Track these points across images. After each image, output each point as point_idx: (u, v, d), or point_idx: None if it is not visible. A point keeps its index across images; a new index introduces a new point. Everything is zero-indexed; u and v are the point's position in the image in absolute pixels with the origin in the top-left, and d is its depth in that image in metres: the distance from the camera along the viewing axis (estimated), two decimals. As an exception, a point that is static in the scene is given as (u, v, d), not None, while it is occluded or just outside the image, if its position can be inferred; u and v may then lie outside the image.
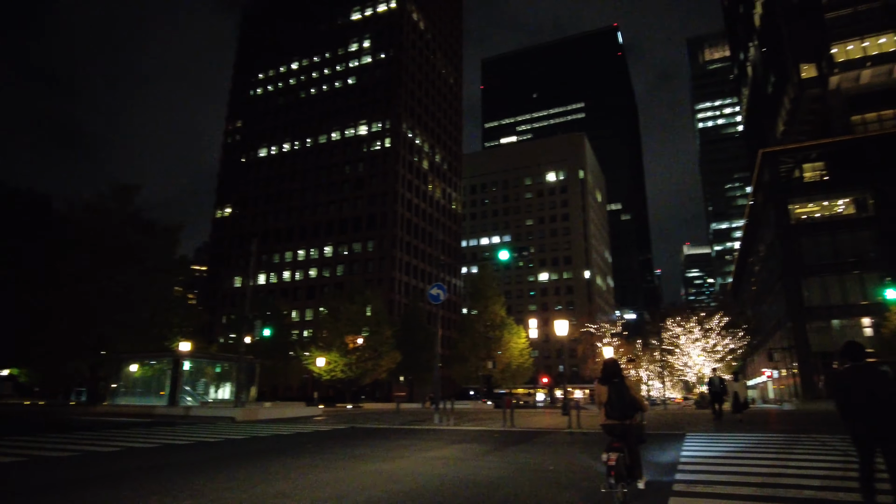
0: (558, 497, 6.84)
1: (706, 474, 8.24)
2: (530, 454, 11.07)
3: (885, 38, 52.40)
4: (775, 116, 68.22)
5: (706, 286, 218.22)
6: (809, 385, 43.64)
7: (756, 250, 65.85)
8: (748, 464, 9.34)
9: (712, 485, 7.36)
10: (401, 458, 10.54)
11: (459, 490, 7.17)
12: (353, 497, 6.73)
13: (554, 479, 8.07)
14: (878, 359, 39.14)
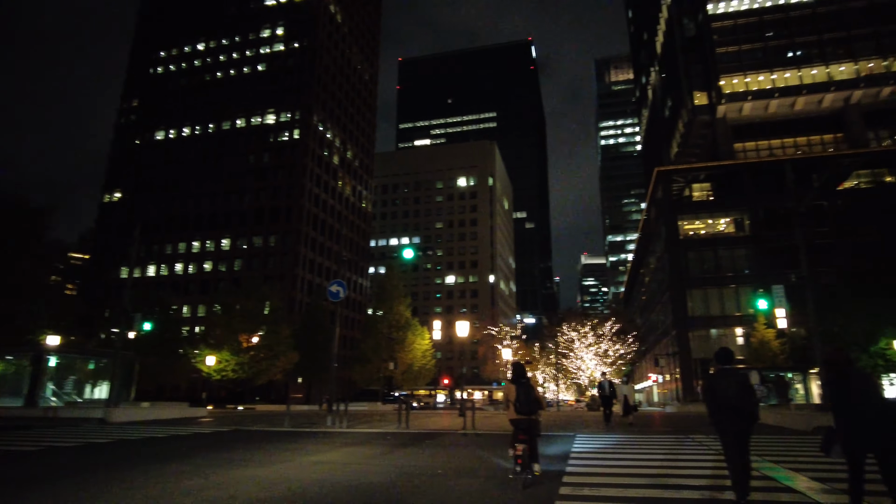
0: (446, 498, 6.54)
1: (594, 466, 9.42)
2: (419, 457, 10.71)
3: (763, 76, 57.78)
4: (670, 138, 73.25)
5: (600, 294, 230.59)
6: (689, 389, 46.99)
7: (647, 262, 70.26)
8: (631, 457, 10.56)
9: (599, 474, 8.51)
10: (282, 462, 9.85)
11: (339, 497, 6.70)
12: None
13: (441, 484, 7.76)
14: (746, 365, 42.82)
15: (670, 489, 7.22)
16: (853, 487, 5.09)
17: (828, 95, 55.98)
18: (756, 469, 8.38)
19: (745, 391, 6.15)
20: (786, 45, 58.03)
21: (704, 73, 60.67)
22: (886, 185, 50.47)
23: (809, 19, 57.97)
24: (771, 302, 17.98)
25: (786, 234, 48.76)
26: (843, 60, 56.25)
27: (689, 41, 63.32)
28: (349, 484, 7.58)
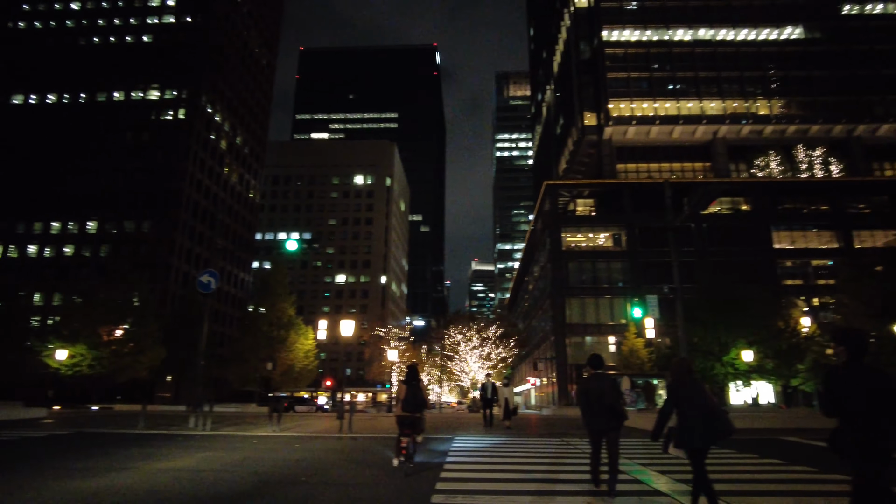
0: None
1: (471, 462, 10.11)
2: (284, 463, 9.93)
3: (647, 104, 62.38)
4: (560, 155, 76.92)
5: (488, 300, 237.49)
6: (564, 392, 49.27)
7: (532, 271, 73.10)
8: (506, 454, 11.34)
9: (476, 470, 9.25)
10: (123, 470, 8.67)
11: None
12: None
13: (303, 494, 7.15)
14: (617, 371, 45.56)
15: (540, 483, 7.93)
16: (697, 481, 5.72)
17: (700, 127, 61.56)
18: (626, 472, 8.72)
19: (613, 392, 6.91)
20: (668, 78, 63.09)
21: (596, 95, 64.37)
22: (742, 212, 56.32)
23: (688, 57, 63.51)
24: (645, 310, 19.08)
25: (658, 251, 52.85)
26: (714, 97, 62.18)
27: (584, 64, 66.91)
28: (193, 496, 6.70)
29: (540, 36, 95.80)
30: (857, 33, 63.95)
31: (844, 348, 4.38)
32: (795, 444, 13.90)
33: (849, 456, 4.16)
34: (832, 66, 62.66)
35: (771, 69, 62.89)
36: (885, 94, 61.51)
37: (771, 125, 61.32)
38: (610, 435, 6.88)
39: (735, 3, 65.06)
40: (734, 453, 11.91)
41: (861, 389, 4.11)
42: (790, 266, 55.21)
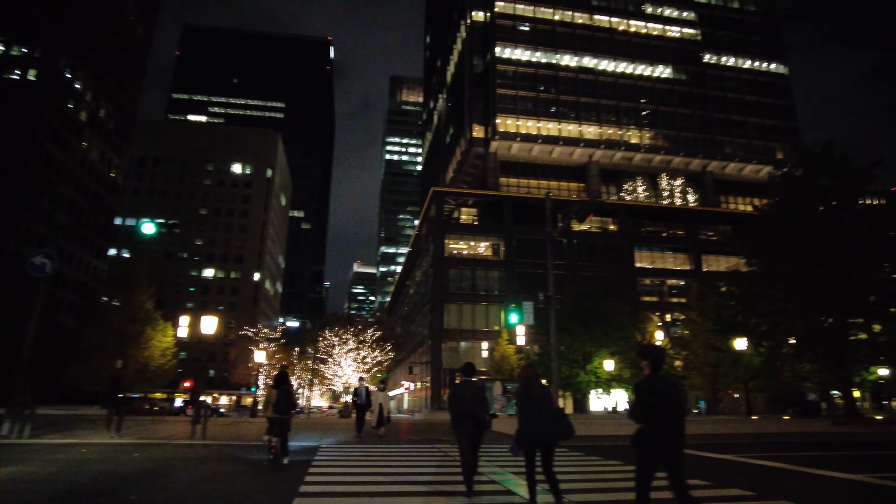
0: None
1: (336, 470, 9.71)
2: (109, 477, 8.48)
3: (531, 122, 65.11)
4: (448, 163, 78.07)
5: (368, 303, 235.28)
6: (437, 397, 49.59)
7: (414, 275, 73.28)
8: (374, 457, 11.19)
9: (341, 472, 9.34)
10: None
11: None
12: None
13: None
14: (489, 376, 46.64)
15: (402, 485, 8.15)
16: (529, 477, 6.24)
17: (577, 150, 65.40)
18: (485, 474, 8.82)
19: (479, 401, 7.24)
20: (553, 100, 66.40)
21: (485, 109, 66.16)
22: (609, 232, 60.54)
23: (572, 82, 67.33)
24: (521, 316, 19.47)
25: (532, 262, 55.14)
26: (592, 123, 66.40)
27: (477, 77, 68.54)
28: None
29: (436, 45, 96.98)
30: (714, 80, 71.72)
31: (648, 362, 5.07)
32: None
33: (650, 454, 4.84)
34: (694, 105, 69.65)
35: (643, 102, 68.53)
36: (734, 137, 69.52)
37: (640, 154, 66.71)
38: (473, 439, 7.23)
39: (617, 37, 70.20)
40: (600, 459, 12.29)
41: (658, 395, 4.87)
42: (648, 284, 60.26)
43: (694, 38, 72.90)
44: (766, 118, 71.35)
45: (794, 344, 24.83)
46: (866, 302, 23.68)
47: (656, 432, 4.80)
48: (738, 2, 76.13)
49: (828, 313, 23.16)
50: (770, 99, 72.31)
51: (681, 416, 4.88)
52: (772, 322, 24.97)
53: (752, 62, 73.59)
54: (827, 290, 22.48)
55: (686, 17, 73.43)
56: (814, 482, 8.70)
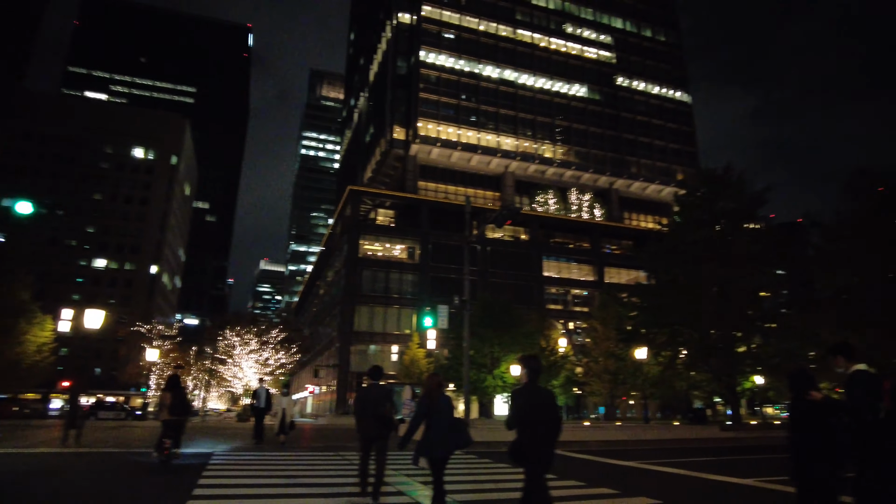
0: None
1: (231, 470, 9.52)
2: None
3: (452, 129, 65.58)
4: (366, 163, 76.95)
5: (274, 302, 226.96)
6: (343, 401, 48.39)
7: (325, 275, 71.41)
8: (269, 465, 10.67)
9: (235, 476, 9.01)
10: None
11: None
12: None
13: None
14: (397, 380, 46.14)
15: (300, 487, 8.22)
16: (436, 487, 6.14)
17: (495, 160, 66.62)
18: (392, 484, 8.65)
19: (384, 403, 7.36)
20: (473, 109, 67.25)
21: (407, 112, 65.85)
22: (521, 241, 62.09)
23: (493, 93, 68.58)
24: (436, 319, 19.21)
25: (446, 267, 55.37)
26: (509, 135, 67.92)
27: (400, 79, 68.14)
28: None
29: (360, 42, 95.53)
30: (625, 102, 75.72)
31: (526, 371, 5.18)
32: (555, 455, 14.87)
33: (526, 462, 4.97)
34: (605, 125, 73.11)
35: (559, 118, 71.04)
36: (640, 157, 73.66)
37: (553, 168, 69.03)
38: (378, 443, 7.28)
39: (538, 53, 72.38)
40: (509, 467, 12.20)
41: (534, 404, 5.02)
42: (554, 292, 62.36)
43: (609, 60, 76.62)
44: (670, 142, 76.26)
45: (690, 354, 26.40)
46: (748, 317, 25.66)
47: (531, 440, 4.92)
48: (650, 31, 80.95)
49: (719, 326, 24.87)
50: (674, 124, 77.39)
51: (556, 425, 5.06)
52: (670, 333, 26.47)
53: (660, 88, 78.46)
54: (719, 304, 24.12)
55: (603, 41, 77.09)
56: (682, 482, 9.05)
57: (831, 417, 4.61)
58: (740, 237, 25.38)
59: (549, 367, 39.72)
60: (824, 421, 4.61)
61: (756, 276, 25.01)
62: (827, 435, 4.55)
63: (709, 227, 25.80)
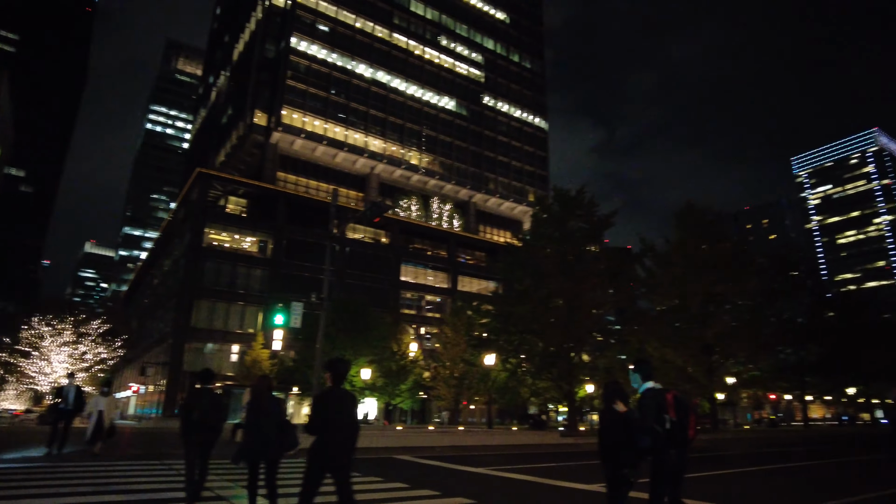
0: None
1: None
2: None
3: (318, 122, 63.51)
4: (221, 146, 71.71)
5: (99, 289, 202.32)
6: (172, 402, 44.09)
7: (162, 264, 65.00)
8: (69, 478, 8.61)
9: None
10: None
11: None
12: None
13: None
14: (237, 381, 43.25)
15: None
16: (250, 489, 6.26)
17: (361, 159, 65.65)
18: (212, 489, 8.30)
19: (215, 409, 7.21)
20: (343, 105, 65.72)
21: (271, 97, 62.51)
22: (381, 244, 61.74)
23: (365, 92, 67.66)
24: (288, 317, 17.99)
25: (300, 265, 53.21)
26: (378, 137, 67.42)
27: (267, 62, 64.57)
28: None
29: (227, 18, 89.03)
30: (490, 121, 79.01)
31: (330, 374, 5.23)
32: (406, 462, 14.48)
33: (323, 465, 5.00)
34: (469, 140, 75.57)
35: (427, 127, 72.04)
36: (498, 175, 77.21)
37: (418, 175, 69.75)
38: (204, 449, 7.16)
39: (412, 60, 72.87)
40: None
41: (336, 408, 5.04)
42: (409, 297, 62.79)
43: (478, 79, 79.49)
44: (526, 164, 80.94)
45: (536, 362, 27.83)
46: (589, 329, 27.87)
47: (332, 444, 4.96)
48: (518, 56, 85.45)
49: (564, 337, 26.61)
50: (531, 148, 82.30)
51: (354, 429, 5.17)
52: (520, 341, 27.78)
53: (522, 113, 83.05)
54: (566, 316, 25.80)
55: (474, 58, 79.80)
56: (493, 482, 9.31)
57: (632, 426, 5.15)
58: (587, 255, 27.56)
59: (398, 372, 39.67)
60: (627, 429, 5.14)
61: (599, 293, 27.22)
62: (629, 441, 5.09)
63: (560, 244, 27.56)
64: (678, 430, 5.31)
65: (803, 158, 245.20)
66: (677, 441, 5.30)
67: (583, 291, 25.76)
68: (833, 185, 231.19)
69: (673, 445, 5.26)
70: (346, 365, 5.44)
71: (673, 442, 5.27)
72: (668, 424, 5.27)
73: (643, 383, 5.51)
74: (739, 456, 18.69)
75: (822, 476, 13.24)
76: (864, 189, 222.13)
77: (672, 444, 5.26)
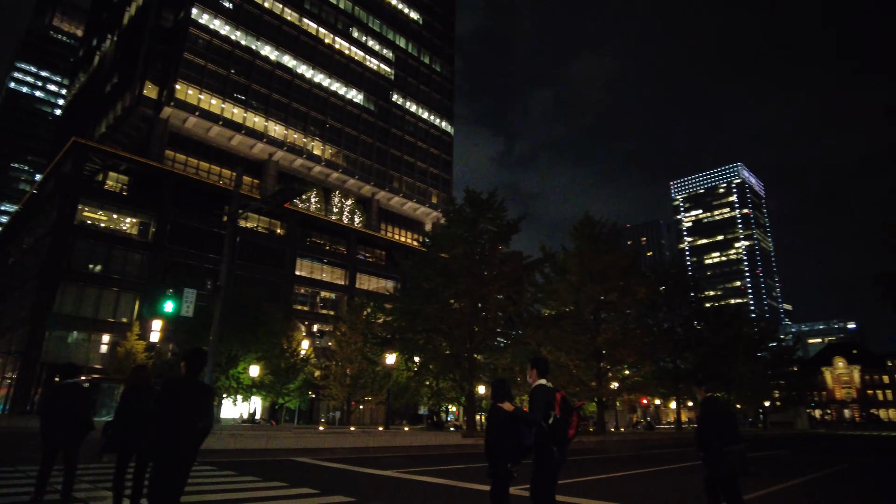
0: None
1: None
2: None
3: (216, 100, 59.69)
4: (103, 116, 65.32)
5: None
6: (25, 397, 39.23)
7: (22, 241, 57.80)
8: None
9: None
10: None
11: None
12: None
13: None
14: (105, 375, 39.50)
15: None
16: (116, 486, 6.21)
17: (260, 145, 62.53)
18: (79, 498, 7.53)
19: (81, 403, 6.91)
20: (244, 86, 62.26)
21: (165, 69, 57.92)
22: (276, 235, 59.17)
23: (268, 75, 64.56)
24: (179, 305, 16.41)
25: (187, 252, 49.66)
26: (280, 122, 64.56)
27: (163, 31, 59.78)
28: None
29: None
30: (397, 119, 78.54)
31: (185, 364, 5.18)
32: (307, 465, 13.65)
33: (166, 456, 4.79)
34: (376, 136, 74.62)
35: (333, 118, 70.16)
36: (403, 174, 76.92)
37: (320, 166, 67.68)
38: (69, 450, 6.85)
39: (321, 48, 70.67)
40: (234, 475, 10.79)
41: (183, 399, 4.91)
42: (304, 293, 60.70)
43: (388, 75, 78.75)
44: (431, 166, 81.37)
45: (440, 362, 27.78)
46: (493, 331, 28.47)
47: (171, 435, 4.79)
48: (429, 58, 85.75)
49: (469, 337, 26.89)
50: (437, 150, 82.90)
51: (205, 425, 4.99)
52: (425, 340, 27.62)
53: (430, 115, 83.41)
54: (473, 317, 26.06)
55: (385, 55, 78.98)
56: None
57: (518, 424, 5.35)
58: (495, 258, 28.06)
59: (287, 370, 38.09)
60: (514, 427, 5.34)
61: (504, 295, 27.81)
62: (515, 438, 5.31)
63: (470, 245, 27.81)
64: (560, 428, 5.40)
65: (680, 183, 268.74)
66: (559, 439, 5.40)
67: (490, 293, 26.21)
68: (703, 210, 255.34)
69: (555, 443, 5.38)
70: (204, 357, 5.37)
71: (555, 439, 5.38)
72: (551, 420, 5.39)
73: (538, 380, 5.61)
74: (634, 457, 19.76)
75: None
76: (728, 216, 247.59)
77: (554, 441, 5.38)
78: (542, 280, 31.66)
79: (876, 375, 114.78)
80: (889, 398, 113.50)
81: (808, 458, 20.44)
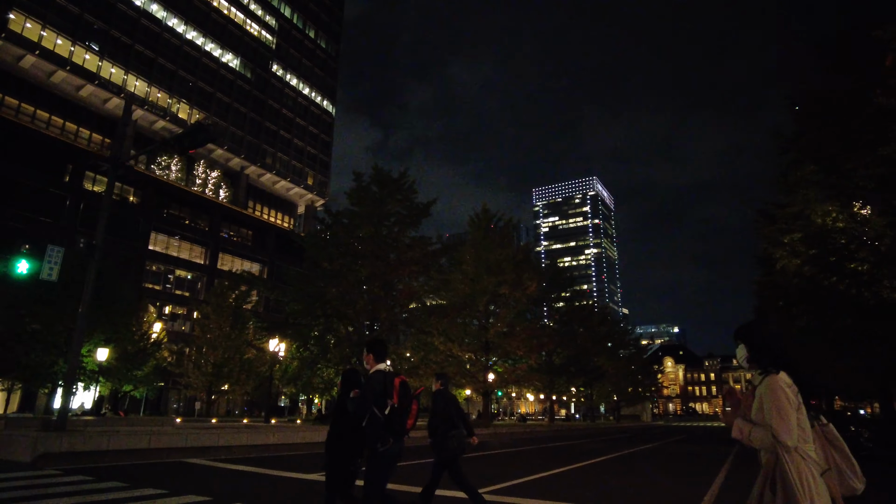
0: None
1: None
2: None
3: (62, 41, 51.66)
4: None
5: None
6: None
7: None
8: None
9: None
10: None
11: None
12: None
13: None
14: None
15: None
16: None
17: (116, 99, 55.23)
18: None
19: None
20: (101, 31, 54.54)
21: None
22: (129, 203, 52.70)
23: (132, 22, 57.15)
24: (36, 266, 13.31)
25: (12, 213, 42.46)
26: (142, 78, 57.57)
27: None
28: None
29: None
30: (276, 91, 73.83)
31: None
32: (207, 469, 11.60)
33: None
34: (250, 106, 69.45)
35: (204, 81, 64.12)
36: (277, 150, 72.55)
37: (185, 132, 61.49)
38: None
39: (197, 3, 64.17)
40: (93, 481, 8.95)
41: None
42: (156, 270, 54.89)
43: (269, 44, 73.80)
44: (309, 145, 77.72)
45: (341, 348, 26.13)
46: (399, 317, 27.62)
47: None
48: (314, 33, 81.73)
49: (375, 323, 25.63)
50: (316, 129, 79.37)
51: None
52: (325, 325, 25.80)
53: (310, 91, 79.60)
54: (379, 301, 24.85)
55: (268, 21, 73.91)
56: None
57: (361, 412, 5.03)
58: (403, 242, 27.05)
59: (136, 354, 34.02)
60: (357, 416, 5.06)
61: (413, 281, 26.98)
62: (356, 427, 5.07)
63: (377, 226, 26.53)
64: (397, 418, 5.03)
65: (541, 191, 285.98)
66: (395, 429, 5.02)
67: (398, 279, 25.27)
68: (559, 217, 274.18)
69: (391, 434, 4.99)
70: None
71: (391, 430, 4.99)
72: (387, 410, 5.01)
73: (375, 366, 5.17)
74: (536, 451, 20.05)
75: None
76: (581, 225, 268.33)
77: (391, 431, 4.99)
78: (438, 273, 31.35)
79: (695, 373, 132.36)
80: (704, 393, 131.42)
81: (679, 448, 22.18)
